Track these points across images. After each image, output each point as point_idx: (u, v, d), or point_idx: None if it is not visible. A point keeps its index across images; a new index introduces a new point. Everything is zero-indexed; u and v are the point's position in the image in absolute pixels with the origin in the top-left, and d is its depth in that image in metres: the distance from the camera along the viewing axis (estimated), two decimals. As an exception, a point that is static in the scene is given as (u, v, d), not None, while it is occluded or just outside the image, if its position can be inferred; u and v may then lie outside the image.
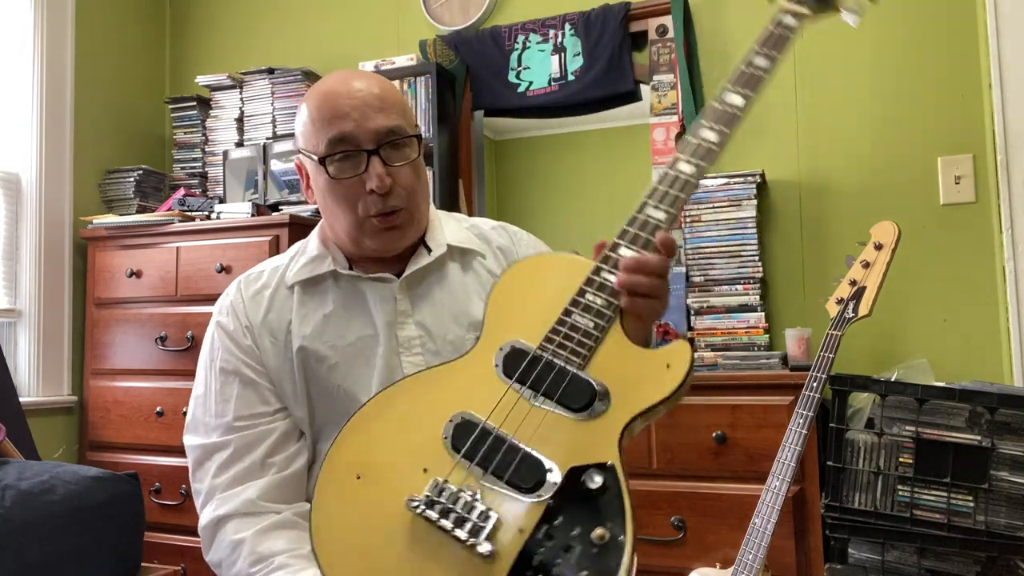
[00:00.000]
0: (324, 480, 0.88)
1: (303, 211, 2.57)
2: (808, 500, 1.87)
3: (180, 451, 1.19)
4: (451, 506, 0.81)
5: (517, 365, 0.88)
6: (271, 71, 2.84)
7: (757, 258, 2.24)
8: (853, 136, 2.35)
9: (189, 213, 2.66)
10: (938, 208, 2.25)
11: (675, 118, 2.49)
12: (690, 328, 2.31)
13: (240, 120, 2.89)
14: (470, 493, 0.82)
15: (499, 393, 0.87)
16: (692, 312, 2.30)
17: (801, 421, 1.61)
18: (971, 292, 2.20)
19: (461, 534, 0.79)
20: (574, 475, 0.81)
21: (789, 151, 2.42)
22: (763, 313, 2.23)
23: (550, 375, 0.86)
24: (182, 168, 3.00)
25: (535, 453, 0.83)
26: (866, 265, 1.73)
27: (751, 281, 2.25)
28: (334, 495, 0.87)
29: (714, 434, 1.93)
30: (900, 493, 1.70)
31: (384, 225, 1.06)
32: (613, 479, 0.79)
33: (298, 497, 1.08)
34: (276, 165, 2.69)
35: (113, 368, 2.66)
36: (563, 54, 2.62)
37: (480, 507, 0.81)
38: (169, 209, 2.73)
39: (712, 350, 2.25)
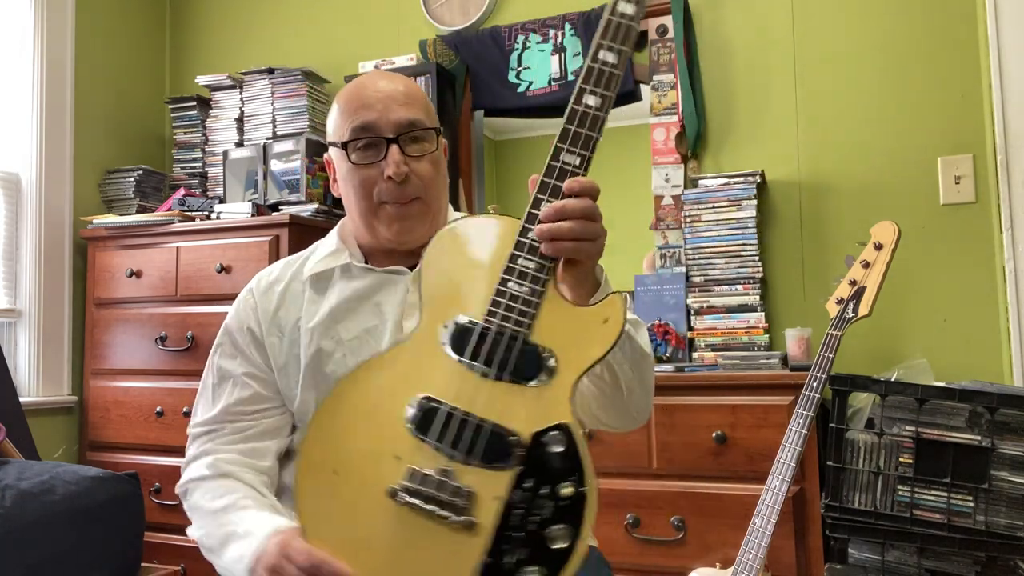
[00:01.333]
0: (302, 478, 0.90)
1: (303, 211, 2.57)
2: (808, 500, 1.87)
3: (180, 451, 1.20)
4: (430, 490, 0.85)
5: (465, 341, 0.89)
6: (271, 71, 2.84)
7: (757, 258, 2.25)
8: (853, 136, 2.35)
9: (189, 213, 2.67)
10: (938, 208, 2.25)
11: (675, 118, 2.49)
12: (690, 328, 2.31)
13: (240, 120, 2.89)
14: (444, 474, 0.85)
15: (452, 371, 0.89)
16: (692, 312, 2.30)
17: (801, 421, 1.61)
18: (971, 292, 2.20)
19: (444, 514, 0.84)
20: (537, 439, 0.85)
21: (789, 151, 2.42)
22: (763, 313, 2.23)
23: (499, 348, 0.88)
24: (182, 168, 3.00)
25: (498, 424, 0.86)
26: (866, 265, 1.73)
27: (751, 281, 2.25)
28: (313, 493, 0.90)
29: (714, 434, 1.93)
30: (900, 493, 1.70)
31: (399, 213, 1.10)
32: (569, 438, 0.85)
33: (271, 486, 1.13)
34: (276, 165, 2.69)
35: (113, 368, 2.66)
36: (563, 54, 2.62)
37: (456, 484, 0.85)
38: (169, 209, 2.73)
39: (712, 350, 2.25)
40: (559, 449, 0.85)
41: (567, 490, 0.84)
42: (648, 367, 1.09)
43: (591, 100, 0.95)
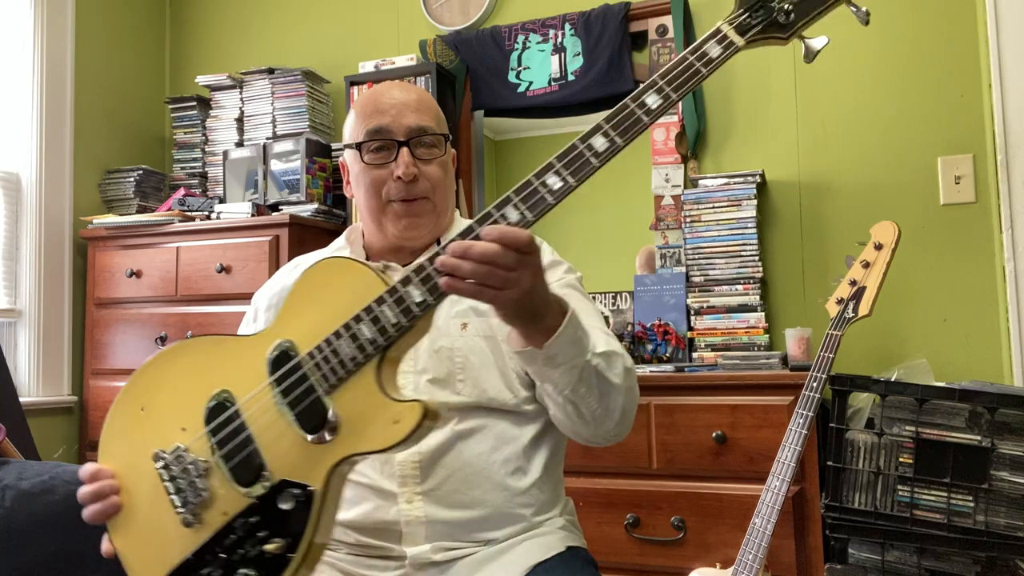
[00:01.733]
0: (119, 399, 1.00)
1: (303, 211, 2.57)
2: (808, 500, 1.87)
3: (180, 451, 1.21)
4: (180, 474, 0.93)
5: (279, 366, 0.91)
6: (271, 71, 2.84)
7: (757, 258, 2.25)
8: (853, 136, 2.35)
9: (189, 213, 2.67)
10: (938, 208, 2.25)
11: (675, 118, 2.49)
12: (690, 328, 2.31)
13: (240, 120, 2.89)
14: (200, 467, 0.92)
15: (258, 386, 0.92)
16: (692, 312, 2.30)
17: (801, 421, 1.61)
18: (971, 292, 2.20)
19: (176, 500, 0.92)
20: (279, 485, 0.88)
21: (789, 151, 2.42)
22: (763, 313, 2.23)
23: (298, 389, 0.89)
24: (182, 168, 3.00)
25: (261, 455, 0.90)
26: (866, 265, 1.73)
27: (751, 281, 2.25)
28: (120, 416, 1.00)
29: (714, 434, 1.93)
30: (900, 493, 1.70)
31: (406, 211, 1.15)
32: (307, 504, 0.87)
33: None
34: (276, 165, 2.69)
35: (113, 368, 2.66)
36: (563, 54, 2.62)
37: (199, 481, 0.91)
38: (169, 209, 2.73)
39: (712, 350, 2.25)
40: (287, 507, 0.87)
41: (272, 547, 0.87)
42: (619, 396, 1.04)
43: (553, 181, 0.87)
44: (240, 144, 2.86)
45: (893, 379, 1.87)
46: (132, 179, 2.90)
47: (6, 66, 2.72)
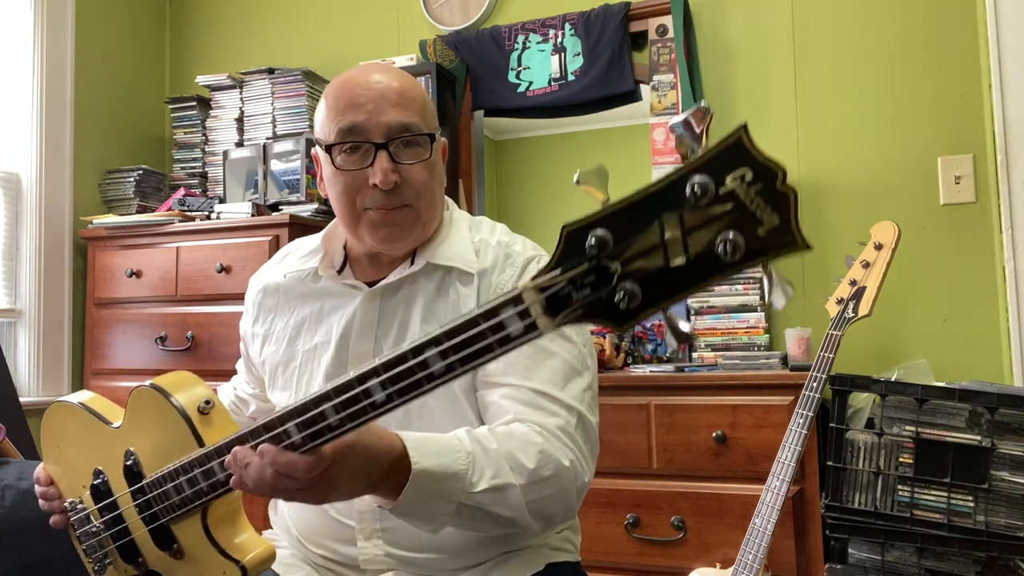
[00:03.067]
0: (47, 423, 1.05)
1: (303, 211, 2.57)
2: (808, 500, 1.87)
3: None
4: (86, 531, 1.00)
5: (133, 480, 0.94)
6: (271, 71, 2.84)
7: (757, 258, 2.24)
8: (853, 136, 2.35)
9: (189, 213, 2.66)
10: (938, 208, 2.25)
11: (675, 118, 2.48)
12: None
13: (240, 120, 2.89)
14: (99, 535, 0.99)
15: (122, 488, 0.96)
16: (692, 312, 2.30)
17: (801, 421, 1.61)
18: (971, 292, 2.20)
19: (85, 552, 1.00)
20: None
21: (789, 151, 2.41)
22: (763, 313, 2.23)
23: (149, 509, 0.93)
24: (182, 168, 3.00)
25: (137, 546, 0.96)
26: (866, 265, 1.73)
27: (751, 281, 2.25)
28: (45, 439, 1.06)
29: (714, 434, 1.93)
30: (900, 493, 1.70)
31: (384, 219, 0.99)
32: None
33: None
34: (276, 165, 2.69)
35: (113, 368, 2.66)
36: (563, 54, 2.62)
37: (106, 551, 0.99)
38: (169, 209, 2.73)
39: (712, 350, 2.25)
40: None
41: None
42: (523, 517, 0.88)
43: (378, 394, 0.68)
44: (240, 144, 2.86)
45: (893, 379, 1.87)
46: (132, 179, 2.90)
47: (6, 66, 2.72)
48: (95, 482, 0.97)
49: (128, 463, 0.94)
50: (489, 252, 1.05)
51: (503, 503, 0.86)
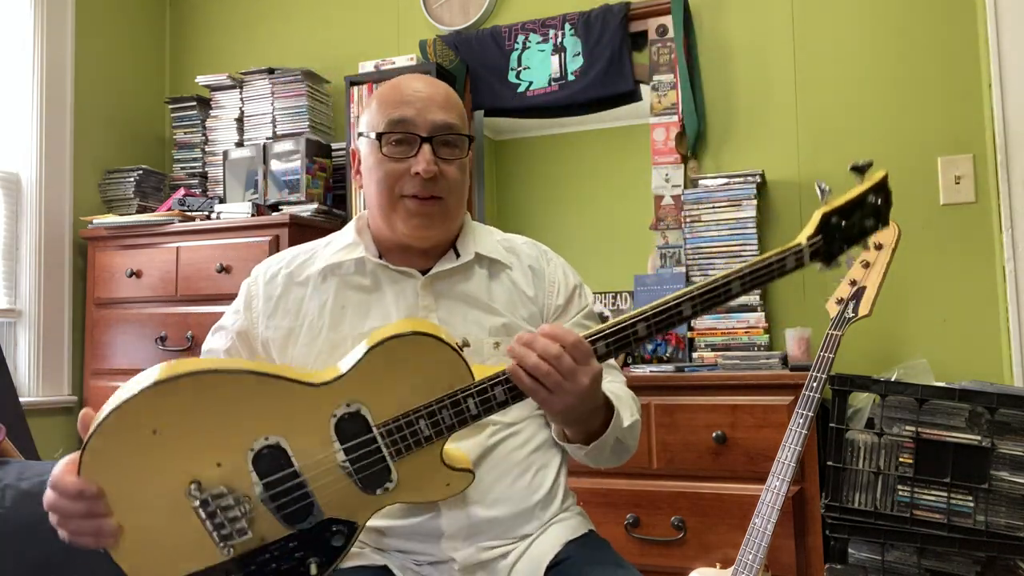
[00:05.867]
0: (116, 416, 0.87)
1: (303, 211, 2.57)
2: (808, 500, 1.87)
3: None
4: (220, 512, 0.91)
5: (350, 432, 0.94)
6: (271, 71, 2.84)
7: (757, 258, 2.24)
8: (853, 136, 2.35)
9: (189, 213, 2.67)
10: (938, 208, 2.25)
11: (675, 118, 2.49)
12: (690, 328, 2.31)
13: (240, 120, 2.89)
14: (243, 507, 0.92)
15: (319, 443, 0.94)
16: (692, 312, 2.30)
17: (801, 421, 1.61)
18: (971, 292, 2.20)
19: (215, 536, 0.91)
20: (328, 524, 0.95)
21: (789, 151, 2.42)
22: (763, 313, 2.23)
23: (368, 455, 0.95)
24: (182, 168, 3.00)
25: (315, 502, 0.94)
26: (866, 265, 1.73)
27: (751, 281, 2.24)
28: (117, 435, 0.88)
29: (714, 434, 1.93)
30: (900, 493, 1.70)
31: (419, 209, 1.10)
32: (348, 537, 0.97)
33: None
34: (276, 165, 2.69)
35: (113, 368, 2.66)
36: (563, 54, 2.62)
37: (242, 524, 0.92)
38: (169, 209, 2.73)
39: (712, 350, 2.25)
40: (333, 542, 0.96)
41: (314, 571, 0.96)
42: (627, 453, 1.15)
43: (687, 311, 1.00)
44: (240, 144, 2.86)
45: (893, 379, 1.87)
46: (132, 179, 2.90)
47: (6, 66, 2.72)
48: (258, 449, 0.91)
49: (346, 413, 0.94)
50: (521, 247, 1.24)
51: (632, 439, 1.13)
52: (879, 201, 1.14)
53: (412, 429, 0.94)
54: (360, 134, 1.17)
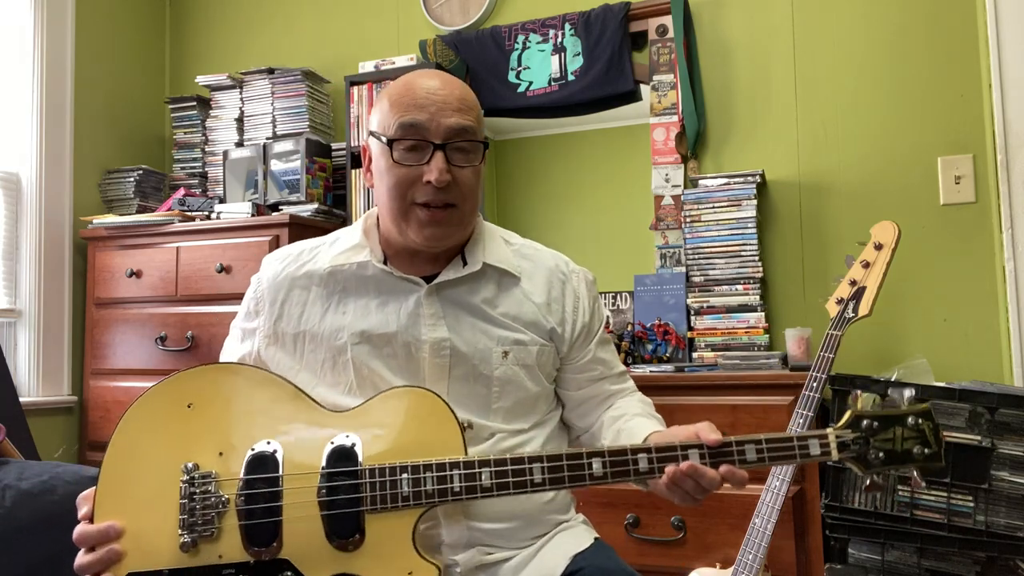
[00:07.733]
0: (165, 387, 0.98)
1: (303, 211, 2.57)
2: (808, 500, 1.87)
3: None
4: (197, 499, 0.93)
5: (338, 461, 0.95)
6: (271, 71, 2.84)
7: (757, 258, 2.24)
8: (853, 136, 2.35)
9: (189, 213, 2.67)
10: (938, 208, 2.25)
11: (675, 118, 2.49)
12: (690, 328, 2.31)
13: (240, 120, 2.89)
14: (219, 505, 0.93)
15: (309, 462, 0.95)
16: (692, 312, 2.30)
17: (801, 421, 1.61)
18: (971, 292, 2.20)
19: (183, 521, 0.93)
20: (282, 565, 0.93)
21: (789, 151, 2.42)
22: (763, 313, 2.23)
23: (345, 494, 0.94)
24: (182, 168, 3.00)
25: (281, 531, 0.93)
26: (866, 265, 1.73)
27: (751, 281, 2.25)
28: (164, 403, 0.98)
29: (714, 434, 1.93)
30: (900, 493, 1.70)
31: (431, 217, 1.06)
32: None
33: None
34: (276, 165, 2.69)
35: (113, 368, 2.66)
36: (563, 54, 2.62)
37: (211, 518, 0.93)
38: (169, 209, 2.73)
39: (712, 350, 2.25)
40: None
41: None
42: None
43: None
44: (240, 144, 2.86)
45: (893, 379, 1.87)
46: (132, 179, 2.90)
47: (6, 66, 2.72)
48: (255, 452, 0.95)
49: (338, 446, 0.95)
50: (539, 255, 1.20)
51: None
52: (922, 423, 0.99)
53: (393, 479, 0.94)
54: (371, 133, 1.12)
